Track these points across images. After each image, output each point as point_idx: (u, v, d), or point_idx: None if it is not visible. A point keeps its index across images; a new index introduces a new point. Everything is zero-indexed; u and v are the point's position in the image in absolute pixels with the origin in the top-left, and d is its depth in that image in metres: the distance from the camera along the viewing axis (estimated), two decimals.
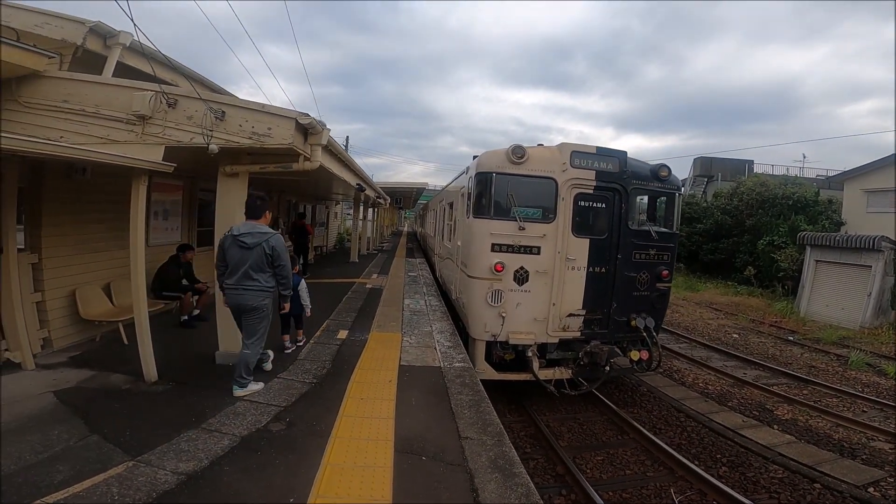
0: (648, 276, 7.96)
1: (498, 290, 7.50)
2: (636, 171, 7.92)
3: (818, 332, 15.78)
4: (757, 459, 6.90)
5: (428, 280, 14.36)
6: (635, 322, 7.89)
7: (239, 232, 5.12)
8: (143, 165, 4.84)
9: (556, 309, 7.70)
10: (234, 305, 5.31)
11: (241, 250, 5.11)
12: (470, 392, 5.50)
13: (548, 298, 7.65)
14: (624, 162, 7.80)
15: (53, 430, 4.26)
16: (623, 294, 7.88)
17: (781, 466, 6.68)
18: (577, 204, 7.68)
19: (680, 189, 8.46)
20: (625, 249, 7.80)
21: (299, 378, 5.70)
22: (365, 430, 4.42)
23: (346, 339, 7.43)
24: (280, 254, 5.21)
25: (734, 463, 6.80)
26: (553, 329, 7.77)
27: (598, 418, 8.19)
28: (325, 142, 5.91)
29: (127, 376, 5.57)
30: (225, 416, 4.62)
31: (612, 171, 7.74)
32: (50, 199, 6.21)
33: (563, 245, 7.61)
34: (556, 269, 7.61)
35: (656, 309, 8.13)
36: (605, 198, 7.78)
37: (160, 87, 5.14)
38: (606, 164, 7.74)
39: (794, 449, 7.22)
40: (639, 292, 7.96)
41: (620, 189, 7.75)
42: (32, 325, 6.04)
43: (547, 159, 7.60)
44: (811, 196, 25.24)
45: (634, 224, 8.01)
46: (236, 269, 5.15)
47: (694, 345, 13.68)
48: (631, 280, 7.89)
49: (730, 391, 9.89)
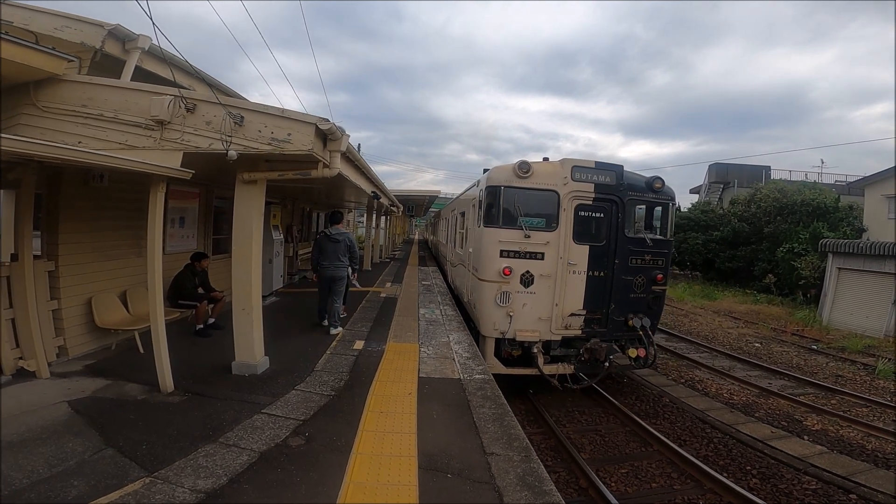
0: (644, 279, 8.60)
1: (506, 291, 8.21)
2: (632, 184, 8.63)
3: (842, 341, 15.44)
4: (788, 471, 6.70)
5: (442, 289, 14.23)
6: (632, 322, 8.50)
7: (330, 233, 8.31)
8: (162, 172, 4.74)
9: (558, 309, 8.39)
10: (328, 277, 8.27)
11: (332, 243, 8.25)
12: (492, 405, 5.32)
13: (551, 299, 8.34)
14: (620, 175, 8.48)
15: (68, 442, 4.15)
16: (620, 296, 8.52)
17: (814, 478, 6.50)
18: (578, 214, 8.36)
19: (673, 199, 9.15)
20: (622, 255, 8.45)
21: (317, 390, 5.56)
22: (387, 446, 4.26)
23: (363, 350, 7.29)
24: (353, 245, 8.51)
25: (765, 475, 6.59)
26: (556, 328, 8.45)
27: (619, 430, 7.99)
28: (344, 148, 5.76)
29: (142, 386, 5.47)
30: (243, 429, 4.48)
31: (610, 184, 8.42)
32: (67, 206, 6.14)
33: (564, 251, 8.28)
34: (558, 272, 8.29)
35: (652, 310, 8.76)
36: (603, 208, 8.45)
37: (179, 91, 5.04)
38: (604, 177, 8.43)
39: (827, 459, 7.01)
40: (635, 294, 8.60)
41: (617, 200, 8.42)
42: (48, 333, 5.96)
43: (550, 173, 8.31)
44: (831, 202, 24.78)
45: (631, 232, 8.67)
46: (330, 255, 8.23)
47: (715, 354, 13.37)
48: (628, 283, 8.53)
49: (755, 401, 9.64)
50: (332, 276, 8.22)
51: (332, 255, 8.20)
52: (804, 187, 27.92)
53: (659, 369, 11.44)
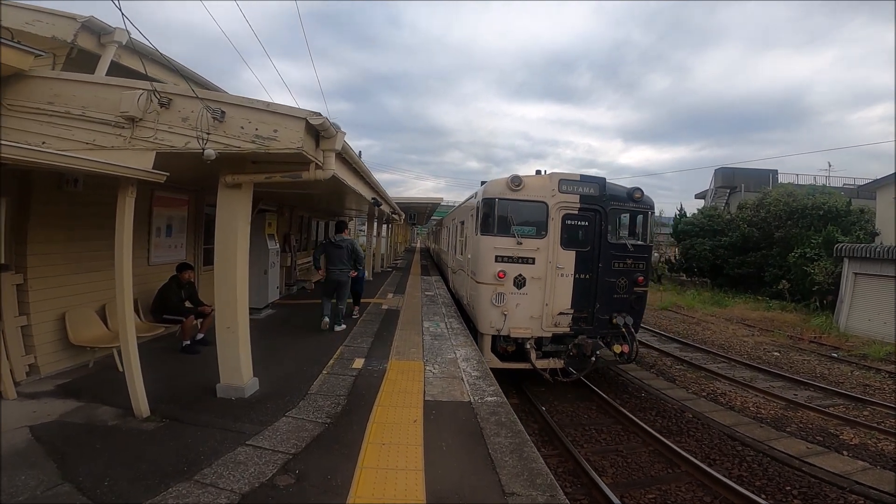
0: (626, 281, 9.34)
1: (501, 293, 8.99)
2: (614, 194, 9.39)
3: (862, 348, 14.87)
4: (832, 490, 6.29)
5: (446, 300, 13.72)
6: (616, 320, 9.20)
7: (335, 240, 9.08)
8: (130, 174, 4.18)
9: (548, 308, 9.16)
10: (334, 280, 8.94)
11: (337, 249, 8.96)
12: (508, 433, 4.73)
13: (542, 300, 9.14)
14: (603, 187, 9.29)
15: (21, 474, 3.64)
16: (605, 296, 9.26)
17: (861, 496, 6.11)
18: (565, 222, 9.18)
19: (652, 208, 10.00)
20: (605, 259, 9.21)
21: (311, 417, 4.95)
22: (390, 487, 3.66)
23: (363, 369, 6.71)
24: (357, 250, 9.39)
25: (807, 494, 6.18)
26: (546, 325, 9.21)
27: (642, 449, 7.44)
28: (338, 147, 5.21)
29: (116, 409, 4.93)
30: (223, 465, 3.90)
31: (594, 195, 9.23)
32: (38, 214, 5.62)
33: (553, 256, 9.10)
34: (548, 275, 9.09)
35: (635, 309, 9.46)
36: (587, 217, 9.25)
37: (152, 84, 4.51)
38: (588, 188, 9.25)
39: (871, 476, 6.58)
40: (618, 295, 9.32)
41: (600, 209, 9.22)
42: (16, 350, 5.44)
43: (539, 186, 9.15)
44: (843, 206, 24.20)
45: (613, 238, 9.39)
46: (335, 260, 8.93)
47: (733, 364, 12.76)
48: (611, 285, 9.27)
49: (784, 415, 9.10)
50: (338, 279, 8.97)
51: (336, 260, 8.93)
52: (814, 191, 27.37)
53: (677, 381, 10.94)
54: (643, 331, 17.12)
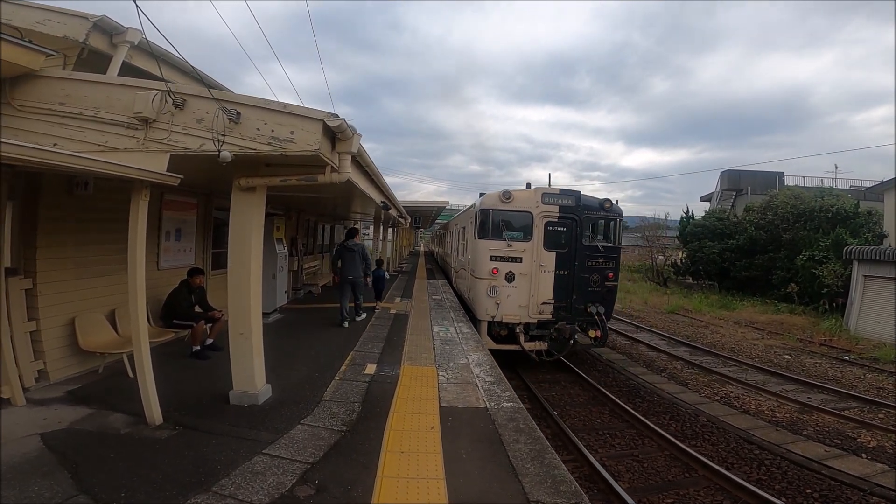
0: (599, 277, 11.06)
1: (494, 286, 10.81)
2: (587, 204, 11.21)
3: (873, 351, 14.81)
4: (853, 492, 6.27)
5: (454, 304, 13.70)
6: (590, 309, 10.88)
7: (348, 245, 10.18)
8: (143, 176, 4.09)
9: (534, 299, 10.95)
10: (349, 281, 9.95)
11: (349, 252, 10.03)
12: (527, 439, 4.62)
13: (528, 292, 10.92)
14: (578, 198, 11.16)
15: (34, 484, 3.53)
16: (580, 289, 10.99)
17: (882, 498, 6.11)
18: (547, 228, 11.01)
19: (621, 216, 11.79)
20: (580, 258, 10.98)
21: (326, 424, 4.84)
22: (412, 497, 3.54)
23: (376, 375, 6.59)
24: (366, 253, 10.46)
25: (828, 497, 6.16)
26: (532, 313, 10.97)
27: (658, 454, 7.37)
28: (355, 149, 5.10)
29: (128, 416, 4.82)
30: (241, 475, 3.79)
31: (570, 205, 11.07)
32: (47, 218, 5.53)
33: (537, 256, 10.92)
34: (533, 272, 10.91)
35: (606, 300, 11.14)
36: (565, 223, 11.04)
37: (166, 84, 4.42)
38: (566, 200, 11.09)
39: (891, 478, 6.55)
40: (592, 288, 11.03)
41: (576, 217, 11.03)
42: (25, 356, 5.34)
43: (525, 199, 11.04)
44: (851, 208, 24.04)
45: (587, 241, 11.10)
46: (348, 263, 9.98)
47: (744, 368, 12.64)
48: (586, 280, 11.01)
49: (800, 418, 9.04)
50: (354, 280, 10.02)
51: (349, 263, 9.99)
52: (822, 193, 27.19)
53: (689, 385, 10.86)
54: (651, 334, 17.07)
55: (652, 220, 46.35)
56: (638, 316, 21.44)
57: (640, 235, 42.37)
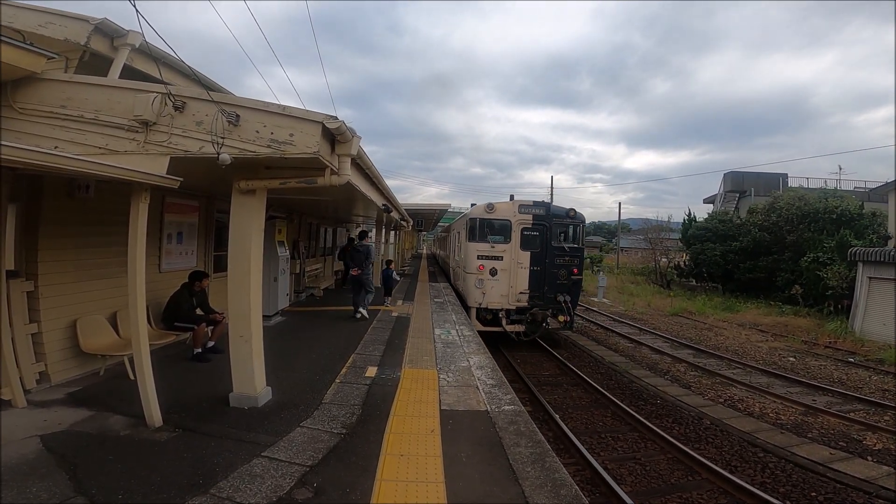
0: (565, 272, 13.65)
1: (481, 279, 13.44)
2: (556, 213, 13.98)
3: (878, 353, 14.68)
4: (859, 495, 6.24)
5: (456, 306, 13.84)
6: (559, 298, 13.39)
7: (357, 246, 11.75)
8: (143, 179, 4.10)
9: (513, 290, 13.55)
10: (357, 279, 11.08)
11: (358, 253, 11.33)
12: (528, 443, 4.60)
13: (508, 283, 13.54)
14: (549, 208, 14.06)
15: (32, 485, 3.53)
16: (551, 282, 13.54)
17: (888, 501, 6.11)
18: (523, 233, 13.66)
19: (584, 222, 14.59)
20: (550, 257, 13.57)
21: (325, 427, 4.83)
22: (411, 499, 3.52)
23: (376, 378, 6.58)
24: (370, 253, 11.67)
25: (833, 501, 6.15)
26: (512, 301, 13.57)
27: (660, 457, 7.33)
28: (354, 152, 5.09)
29: (128, 419, 4.82)
30: (239, 477, 3.79)
31: (542, 214, 13.80)
32: (49, 220, 5.55)
33: (515, 255, 13.56)
34: (512, 268, 13.52)
35: (572, 291, 13.73)
36: (538, 229, 13.70)
37: (167, 87, 4.43)
38: (539, 210, 13.84)
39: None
40: (560, 281, 13.57)
41: (546, 224, 13.70)
42: (27, 358, 5.36)
43: (505, 209, 13.77)
44: (855, 209, 23.91)
45: (555, 242, 13.72)
46: (357, 262, 11.12)
47: (749, 370, 12.54)
48: (555, 274, 13.57)
49: (805, 420, 8.97)
50: (362, 278, 11.13)
51: (358, 262, 11.21)
52: (826, 194, 27.06)
53: (693, 388, 10.75)
54: (654, 336, 17.02)
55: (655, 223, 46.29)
56: (641, 318, 21.34)
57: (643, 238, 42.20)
